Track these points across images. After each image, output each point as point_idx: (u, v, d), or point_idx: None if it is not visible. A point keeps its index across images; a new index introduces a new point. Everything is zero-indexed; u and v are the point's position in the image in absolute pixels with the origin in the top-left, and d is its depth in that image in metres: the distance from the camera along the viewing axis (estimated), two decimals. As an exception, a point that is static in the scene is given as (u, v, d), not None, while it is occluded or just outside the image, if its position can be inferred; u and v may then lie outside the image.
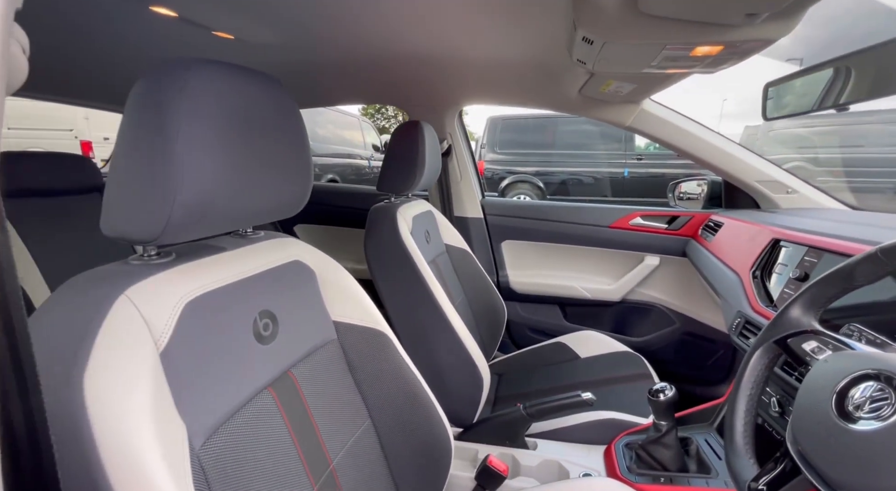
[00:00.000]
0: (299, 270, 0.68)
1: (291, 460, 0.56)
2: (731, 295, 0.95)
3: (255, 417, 0.53)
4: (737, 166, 1.26)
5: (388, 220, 1.07)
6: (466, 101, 1.47)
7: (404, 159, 1.13)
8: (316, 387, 0.64)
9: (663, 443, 0.83)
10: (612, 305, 1.58)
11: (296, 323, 0.63)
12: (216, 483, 0.46)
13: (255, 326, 0.56)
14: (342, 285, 0.74)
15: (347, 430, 0.67)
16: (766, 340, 0.57)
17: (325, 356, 0.68)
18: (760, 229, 1.00)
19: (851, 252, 0.72)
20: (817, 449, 0.42)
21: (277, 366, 0.59)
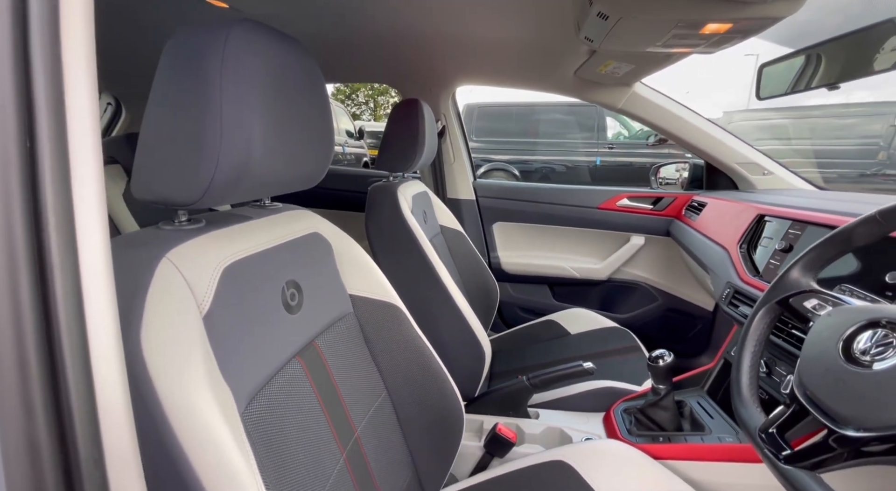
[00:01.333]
0: (318, 242, 0.67)
1: (322, 427, 0.57)
2: (720, 268, 1.01)
3: (287, 384, 0.53)
4: (719, 149, 1.32)
5: (390, 199, 1.06)
6: (461, 82, 1.47)
7: (405, 137, 1.12)
8: (338, 358, 0.64)
9: (661, 405, 0.88)
10: (599, 283, 1.64)
11: (318, 294, 0.63)
12: (258, 446, 0.46)
13: (283, 295, 0.56)
14: (356, 259, 0.74)
15: (367, 400, 0.68)
16: (769, 300, 0.61)
17: (343, 328, 0.68)
18: (745, 207, 1.07)
19: (833, 223, 0.78)
20: (826, 392, 0.46)
21: (304, 335, 0.58)
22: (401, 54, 1.27)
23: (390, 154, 1.13)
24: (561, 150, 5.92)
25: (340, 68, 1.45)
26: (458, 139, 1.60)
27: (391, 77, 1.51)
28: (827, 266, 0.58)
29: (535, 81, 1.39)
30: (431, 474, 0.77)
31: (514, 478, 0.79)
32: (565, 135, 5.97)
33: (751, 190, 1.33)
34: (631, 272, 1.61)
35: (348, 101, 15.66)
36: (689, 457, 0.80)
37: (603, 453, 0.80)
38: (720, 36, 0.69)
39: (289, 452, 0.50)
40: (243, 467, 0.37)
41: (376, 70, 1.45)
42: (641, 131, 5.98)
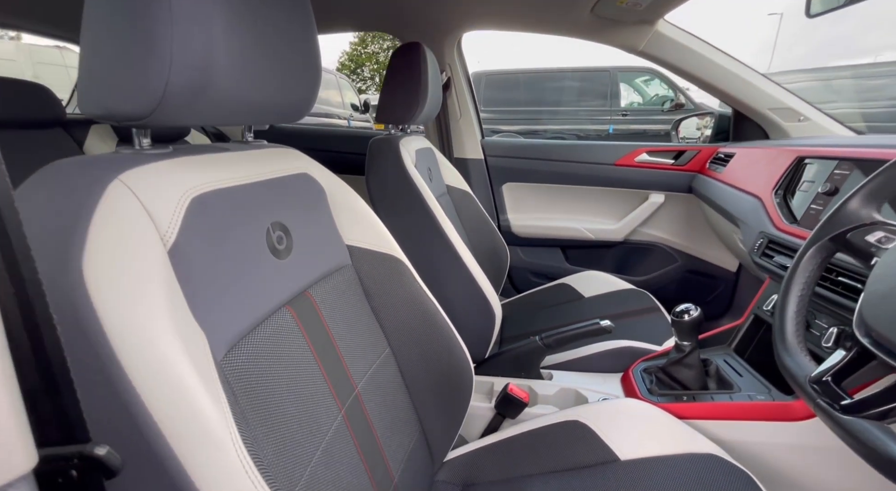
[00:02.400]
0: (308, 184, 0.61)
1: (317, 381, 0.52)
2: (751, 218, 0.93)
3: (275, 333, 0.48)
4: (750, 93, 1.21)
5: (392, 152, 0.99)
6: (467, 27, 1.35)
7: (405, 86, 1.03)
8: (334, 311, 0.59)
9: (685, 363, 0.82)
10: (615, 245, 1.56)
11: (310, 241, 0.57)
12: (242, 396, 0.41)
13: (268, 237, 0.50)
14: (354, 207, 0.67)
15: (369, 357, 0.63)
16: (822, 237, 0.54)
17: (340, 281, 0.62)
18: (781, 151, 0.97)
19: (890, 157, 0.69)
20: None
21: (295, 283, 0.53)
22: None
23: (391, 105, 1.05)
24: (573, 118, 5.73)
25: (331, 15, 1.34)
26: (464, 93, 1.50)
27: (388, 23, 1.39)
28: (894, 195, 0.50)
29: (548, 24, 1.27)
30: (439, 435, 0.73)
31: (525, 438, 0.75)
32: (577, 102, 5.76)
33: (784, 138, 1.22)
34: (649, 233, 1.53)
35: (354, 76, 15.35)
36: (717, 416, 0.74)
37: (622, 412, 0.75)
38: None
39: (279, 405, 0.45)
40: (210, 411, 0.32)
41: (372, 15, 1.34)
42: (657, 97, 5.73)
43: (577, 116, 5.72)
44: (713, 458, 0.65)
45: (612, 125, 5.66)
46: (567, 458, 0.70)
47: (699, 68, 1.21)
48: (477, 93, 5.24)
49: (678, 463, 0.65)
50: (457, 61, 1.44)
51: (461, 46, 1.44)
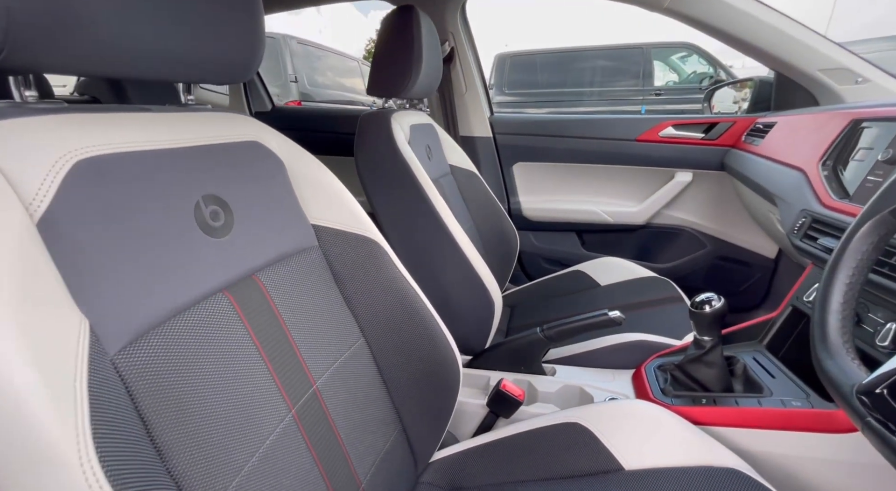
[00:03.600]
0: (261, 154, 0.54)
1: (258, 377, 0.45)
2: (792, 195, 0.80)
3: (203, 322, 0.42)
4: (797, 52, 1.04)
5: (382, 126, 0.91)
6: None
7: (396, 53, 0.94)
8: (291, 298, 0.52)
9: (705, 361, 0.71)
10: (636, 229, 1.43)
11: (259, 218, 0.50)
12: (145, 397, 0.35)
13: (197, 211, 0.43)
14: (322, 182, 0.60)
15: (335, 348, 0.57)
16: (879, 210, 0.42)
17: (302, 264, 0.55)
18: (832, 115, 0.82)
19: None
20: None
21: (236, 266, 0.46)
22: None
23: (381, 75, 0.97)
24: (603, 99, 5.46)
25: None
26: (470, 65, 1.39)
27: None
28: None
29: None
30: (423, 433, 0.67)
31: (520, 440, 0.68)
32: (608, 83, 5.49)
33: (836, 102, 1.05)
34: (674, 215, 1.39)
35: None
36: (741, 423, 0.64)
37: (628, 415, 0.66)
38: None
39: (202, 406, 0.39)
40: (49, 423, 0.25)
41: None
42: (695, 74, 5.36)
43: (608, 97, 5.46)
44: (734, 473, 0.56)
45: (644, 105, 5.36)
46: (564, 464, 0.62)
47: (735, 25, 1.05)
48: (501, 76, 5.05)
49: (691, 477, 0.56)
50: (461, 31, 1.33)
51: (466, 14, 1.33)
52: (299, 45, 4.59)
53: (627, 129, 1.35)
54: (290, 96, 4.31)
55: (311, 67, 4.80)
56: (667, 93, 5.38)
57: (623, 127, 1.36)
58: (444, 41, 1.32)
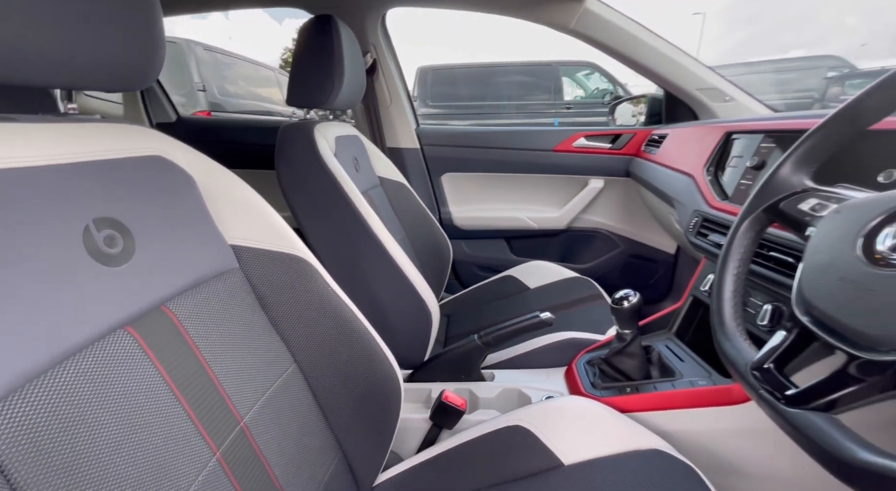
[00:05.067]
0: (165, 170, 0.48)
1: (173, 420, 0.40)
2: (685, 197, 0.91)
3: (100, 365, 0.36)
4: (679, 74, 1.20)
5: (304, 138, 0.87)
6: (390, 3, 1.25)
7: (316, 64, 0.91)
8: (209, 328, 0.47)
9: (627, 353, 0.77)
10: (558, 233, 1.53)
11: (166, 241, 0.45)
12: (20, 467, 0.29)
13: (87, 237, 0.38)
14: (240, 198, 0.56)
15: (263, 378, 0.52)
16: (755, 209, 0.49)
17: (221, 289, 0.50)
18: (710, 129, 0.95)
19: (811, 126, 0.67)
20: (842, 307, 0.34)
21: (141, 297, 0.41)
22: None
23: (302, 85, 0.93)
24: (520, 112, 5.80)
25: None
26: (394, 77, 1.39)
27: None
28: (824, 159, 0.47)
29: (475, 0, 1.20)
30: (365, 457, 0.64)
31: (465, 450, 0.67)
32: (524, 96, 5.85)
33: (712, 118, 1.23)
34: (590, 219, 1.51)
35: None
36: (659, 406, 0.70)
37: (565, 412, 0.69)
38: None
39: (96, 468, 0.33)
40: None
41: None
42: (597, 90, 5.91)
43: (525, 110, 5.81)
44: (656, 453, 0.61)
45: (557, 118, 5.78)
46: (509, 467, 0.63)
47: (629, 48, 1.18)
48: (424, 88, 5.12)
49: (622, 462, 0.60)
50: (382, 42, 1.34)
51: (386, 26, 1.33)
52: (206, 51, 4.26)
53: (545, 141, 1.45)
54: (197, 106, 3.97)
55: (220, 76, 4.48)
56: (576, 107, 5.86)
57: (541, 138, 1.45)
58: (366, 52, 1.31)
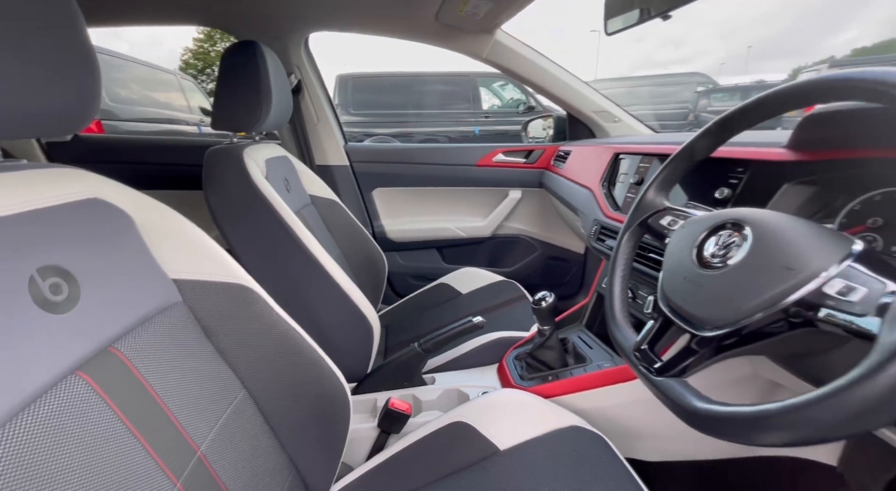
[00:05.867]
0: (103, 212, 0.49)
1: (132, 458, 0.42)
2: (587, 208, 1.06)
3: (56, 412, 0.37)
4: (577, 98, 1.39)
5: (234, 163, 0.88)
6: (313, 27, 1.27)
7: (243, 88, 0.92)
8: (159, 363, 0.48)
9: (547, 346, 0.89)
10: (485, 241, 1.66)
11: (110, 283, 0.46)
12: None
13: (33, 287, 0.38)
14: (178, 232, 0.57)
15: (216, 407, 0.54)
16: (632, 224, 0.63)
17: (166, 324, 0.51)
18: (603, 149, 1.13)
19: (672, 152, 0.85)
20: (685, 299, 0.47)
21: (89, 341, 0.42)
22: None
23: (229, 110, 0.93)
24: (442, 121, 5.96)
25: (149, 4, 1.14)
26: (319, 97, 1.41)
27: (220, 17, 1.23)
28: (675, 184, 0.61)
29: (396, 28, 1.28)
30: (318, 471, 0.67)
31: (411, 450, 0.73)
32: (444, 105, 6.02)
33: (606, 136, 1.43)
34: (512, 226, 1.66)
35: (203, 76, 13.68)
36: (575, 389, 0.83)
37: (498, 404, 0.78)
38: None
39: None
40: None
41: (199, 7, 1.16)
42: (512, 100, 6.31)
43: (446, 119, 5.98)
44: (574, 429, 0.72)
45: (477, 127, 6.05)
46: (453, 460, 0.70)
47: (535, 75, 1.34)
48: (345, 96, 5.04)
49: (548, 441, 0.70)
50: (306, 63, 1.36)
51: (309, 48, 1.36)
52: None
53: (468, 156, 1.56)
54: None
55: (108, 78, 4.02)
56: (493, 115, 6.17)
57: (464, 154, 1.57)
58: (290, 73, 1.32)
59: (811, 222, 0.43)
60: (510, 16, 1.13)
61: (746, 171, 0.67)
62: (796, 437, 0.33)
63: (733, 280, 0.43)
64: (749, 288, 0.41)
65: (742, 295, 0.41)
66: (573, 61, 9.71)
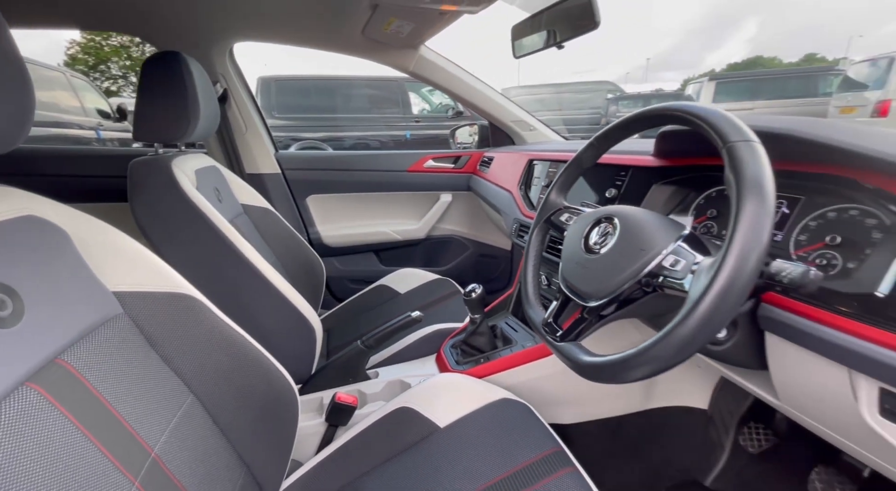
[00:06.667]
0: (39, 229, 0.50)
1: (91, 460, 0.44)
2: (508, 208, 1.19)
3: (12, 421, 0.39)
4: (497, 109, 1.53)
5: (163, 175, 0.87)
6: (238, 37, 1.27)
7: (169, 99, 0.91)
8: (106, 372, 0.50)
9: (479, 332, 1.00)
10: (420, 242, 1.74)
11: (52, 298, 0.47)
12: None
13: None
14: (115, 246, 0.58)
15: (165, 411, 0.56)
16: (539, 221, 0.75)
17: (110, 335, 0.53)
18: (520, 156, 1.27)
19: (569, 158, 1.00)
20: (576, 279, 0.59)
21: (35, 354, 0.43)
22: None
23: (153, 121, 0.92)
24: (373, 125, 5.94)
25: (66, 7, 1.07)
26: (247, 105, 1.41)
27: (140, 25, 1.18)
28: (571, 187, 0.74)
29: (323, 41, 1.32)
30: (269, 468, 0.70)
31: (359, 439, 0.79)
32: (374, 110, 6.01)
33: (523, 143, 1.59)
34: (444, 228, 1.76)
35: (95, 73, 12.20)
36: (504, 368, 0.94)
37: (437, 388, 0.86)
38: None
39: None
40: None
41: (119, 14, 1.11)
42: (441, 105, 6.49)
43: (377, 123, 5.97)
44: (504, 401, 0.83)
45: (408, 131, 6.12)
46: (398, 442, 0.77)
47: (458, 88, 1.46)
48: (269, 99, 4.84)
49: (481, 414, 0.80)
50: (231, 72, 1.34)
51: (234, 57, 1.35)
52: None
53: (400, 162, 1.64)
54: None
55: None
56: (424, 120, 6.28)
57: (396, 160, 1.64)
58: (216, 82, 1.30)
59: (658, 214, 0.57)
60: (432, 34, 1.23)
61: (627, 175, 0.83)
62: (649, 370, 0.45)
63: (608, 261, 0.55)
64: (618, 266, 0.53)
65: (614, 272, 0.54)
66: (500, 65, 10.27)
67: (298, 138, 5.41)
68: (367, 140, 5.88)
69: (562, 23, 0.94)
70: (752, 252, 0.40)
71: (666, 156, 0.76)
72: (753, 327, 0.53)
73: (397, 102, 6.07)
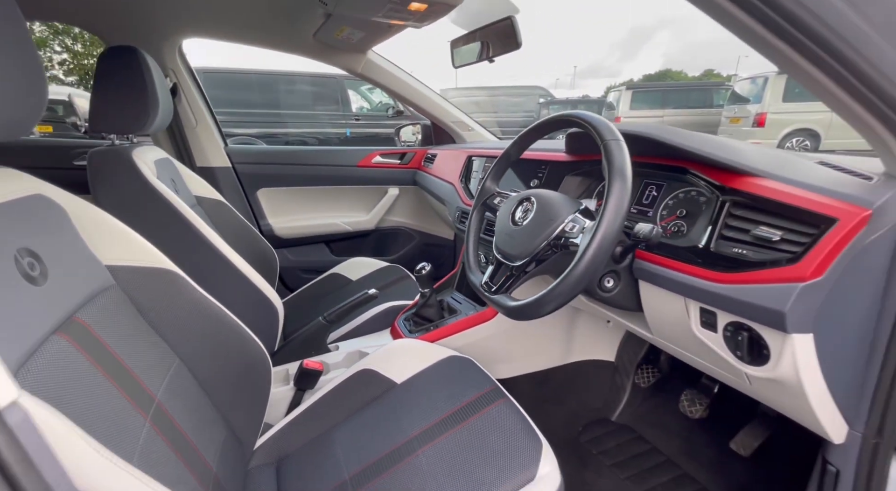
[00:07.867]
0: (47, 206, 0.57)
1: (113, 397, 0.53)
2: (451, 198, 1.36)
3: (52, 361, 0.47)
4: (439, 111, 1.69)
5: (124, 164, 0.91)
6: (187, 33, 1.30)
7: (128, 91, 0.95)
8: (111, 333, 0.58)
9: (428, 304, 1.15)
10: (370, 233, 1.85)
11: (66, 265, 0.55)
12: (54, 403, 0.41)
13: (18, 264, 0.47)
14: (105, 225, 0.65)
15: (159, 370, 0.65)
16: (478, 204, 0.91)
17: (108, 303, 0.61)
18: (461, 153, 1.44)
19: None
20: (505, 245, 0.76)
21: (60, 310, 0.51)
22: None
23: (110, 113, 0.95)
24: (310, 122, 5.82)
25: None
26: (196, 100, 1.43)
27: (87, 20, 1.18)
28: (502, 176, 0.92)
29: (273, 41, 1.39)
30: (245, 427, 0.79)
31: (325, 399, 0.89)
32: (312, 106, 5.89)
33: (463, 142, 1.77)
34: (392, 219, 1.89)
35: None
36: (451, 333, 1.10)
37: (394, 351, 0.99)
38: (421, 13, 0.92)
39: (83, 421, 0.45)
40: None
41: (67, 5, 1.10)
42: (381, 104, 6.52)
43: (316, 120, 5.86)
44: (452, 357, 0.98)
45: (348, 129, 6.08)
46: (360, 399, 0.88)
47: (402, 90, 1.60)
48: (198, 92, 4.52)
49: (432, 369, 0.94)
50: (181, 67, 1.37)
51: (183, 52, 1.37)
52: None
53: (349, 158, 1.74)
54: None
55: None
56: (364, 118, 6.26)
57: (345, 156, 1.74)
58: (166, 76, 1.32)
59: (563, 195, 0.76)
60: (380, 42, 1.35)
61: (546, 168, 1.02)
62: (556, 305, 0.63)
63: (528, 230, 0.73)
64: (535, 233, 0.71)
65: (532, 237, 0.72)
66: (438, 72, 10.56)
67: (231, 134, 5.16)
68: (303, 137, 5.75)
69: (492, 41, 1.12)
70: (618, 215, 0.59)
71: (575, 152, 0.96)
72: (631, 278, 0.74)
73: (336, 100, 5.99)
